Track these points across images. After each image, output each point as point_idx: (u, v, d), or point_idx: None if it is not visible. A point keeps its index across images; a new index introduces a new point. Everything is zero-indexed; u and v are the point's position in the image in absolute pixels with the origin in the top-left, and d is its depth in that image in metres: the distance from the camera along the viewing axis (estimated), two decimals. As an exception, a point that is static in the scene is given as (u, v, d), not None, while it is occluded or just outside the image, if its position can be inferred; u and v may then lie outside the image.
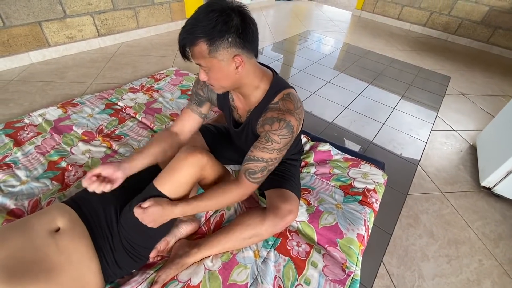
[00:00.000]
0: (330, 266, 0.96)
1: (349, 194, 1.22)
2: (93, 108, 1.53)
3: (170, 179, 0.84)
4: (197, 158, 0.84)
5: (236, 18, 0.67)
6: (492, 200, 1.44)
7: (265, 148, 0.81)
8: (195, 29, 0.67)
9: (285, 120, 0.79)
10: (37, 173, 1.14)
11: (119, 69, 2.10)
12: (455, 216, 1.33)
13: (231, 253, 0.95)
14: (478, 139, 1.81)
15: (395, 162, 1.60)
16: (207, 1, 0.69)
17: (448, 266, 1.11)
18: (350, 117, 1.95)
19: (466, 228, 1.27)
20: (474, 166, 1.65)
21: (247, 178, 0.84)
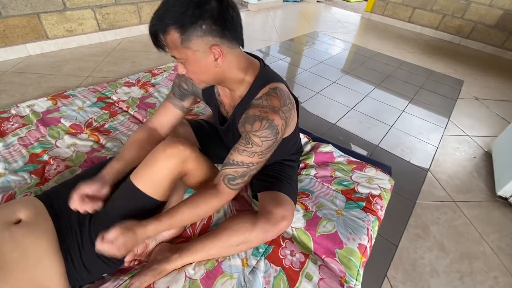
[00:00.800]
0: (326, 280, 0.85)
1: (352, 200, 1.12)
2: (84, 100, 1.47)
3: (146, 174, 0.75)
4: (177, 150, 0.75)
5: (212, 1, 0.58)
6: (509, 211, 1.31)
7: (245, 151, 0.71)
8: (165, 14, 0.58)
9: (268, 119, 0.68)
10: (17, 165, 1.07)
11: (117, 64, 2.05)
12: (469, 228, 1.20)
13: (216, 260, 0.86)
14: (493, 145, 1.68)
15: (403, 166, 1.49)
16: None
17: (460, 283, 0.99)
18: (356, 118, 1.84)
19: (481, 241, 1.15)
20: (489, 174, 1.52)
21: (226, 185, 0.74)
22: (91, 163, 1.13)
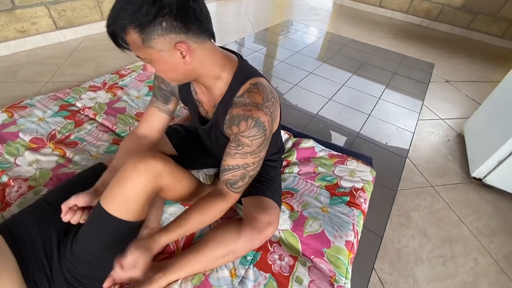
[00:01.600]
0: (317, 281, 0.84)
1: (336, 195, 1.11)
2: (44, 110, 1.33)
3: (118, 195, 0.68)
4: (148, 165, 0.68)
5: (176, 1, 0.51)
6: (484, 191, 1.38)
7: (237, 153, 0.69)
8: (120, 13, 0.52)
9: (253, 118, 0.65)
10: (-31, 192, 0.96)
11: (80, 66, 1.89)
12: (447, 212, 1.25)
13: (203, 274, 0.82)
14: (465, 127, 1.75)
15: (383, 155, 1.51)
16: None
17: (443, 268, 1.03)
18: (335, 109, 1.84)
19: (459, 224, 1.20)
20: (463, 155, 1.58)
21: (229, 189, 0.73)
22: (58, 180, 1.03)
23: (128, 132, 1.28)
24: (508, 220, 1.25)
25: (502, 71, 2.87)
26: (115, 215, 0.68)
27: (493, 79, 2.62)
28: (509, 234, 1.19)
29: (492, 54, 3.29)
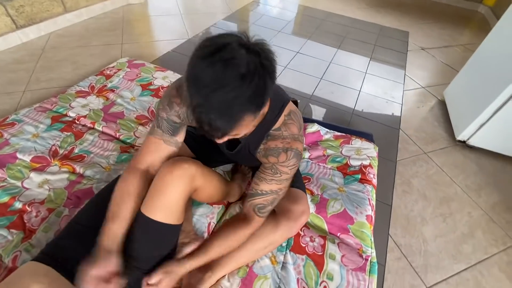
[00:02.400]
0: (347, 255, 0.95)
1: (348, 174, 1.20)
2: (36, 125, 1.24)
3: (160, 203, 0.71)
4: (184, 170, 0.71)
5: (268, 66, 0.51)
6: (467, 151, 1.55)
7: (273, 180, 0.72)
8: (232, 110, 0.49)
9: (292, 149, 0.69)
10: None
11: (55, 68, 1.73)
12: (441, 174, 1.40)
13: (247, 266, 0.88)
14: (445, 94, 1.90)
15: (379, 130, 1.62)
16: (216, 50, 0.48)
17: (445, 224, 1.18)
18: (327, 88, 1.89)
19: (452, 184, 1.36)
20: (447, 121, 1.74)
21: (256, 214, 0.75)
22: (76, 198, 1.01)
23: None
24: (489, 175, 1.43)
25: (468, 33, 3.07)
26: (160, 220, 0.71)
27: (462, 42, 2.81)
28: (492, 186, 1.37)
29: (459, 16, 3.47)
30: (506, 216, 1.24)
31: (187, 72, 0.51)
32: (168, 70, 1.68)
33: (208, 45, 0.49)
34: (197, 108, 0.49)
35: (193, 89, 0.49)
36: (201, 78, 0.47)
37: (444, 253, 1.08)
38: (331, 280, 0.89)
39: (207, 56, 0.47)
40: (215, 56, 0.46)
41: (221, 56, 0.46)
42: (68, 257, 0.70)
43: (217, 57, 0.46)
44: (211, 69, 0.46)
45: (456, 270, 1.04)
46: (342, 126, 1.50)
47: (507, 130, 1.41)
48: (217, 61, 0.46)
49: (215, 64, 0.46)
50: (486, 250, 1.11)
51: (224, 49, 0.47)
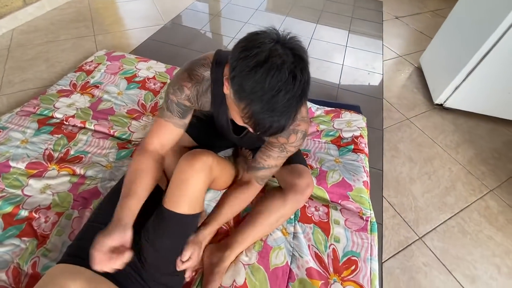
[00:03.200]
0: (350, 219, 1.04)
1: (342, 146, 1.28)
2: (23, 131, 1.19)
3: (184, 196, 0.74)
4: (203, 162, 0.75)
5: (306, 59, 0.56)
6: (444, 113, 1.68)
7: (279, 157, 0.80)
8: (291, 109, 0.54)
9: (301, 131, 0.75)
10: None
11: (28, 68, 1.62)
12: (423, 137, 1.52)
13: (262, 240, 0.95)
14: (421, 60, 2.00)
15: (364, 101, 1.70)
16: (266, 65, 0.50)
17: (430, 181, 1.31)
18: (312, 65, 1.88)
19: (433, 144, 1.49)
20: (424, 86, 1.85)
21: (258, 182, 0.86)
22: (83, 199, 1.01)
23: (136, 149, 1.08)
24: (465, 132, 1.57)
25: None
26: (185, 212, 0.74)
27: (431, 8, 2.90)
28: (467, 143, 1.51)
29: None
30: (481, 168, 1.39)
31: (237, 84, 0.53)
32: (151, 60, 1.63)
33: (254, 54, 0.50)
34: (259, 115, 0.52)
35: (251, 99, 0.52)
36: (258, 88, 0.50)
37: (431, 207, 1.21)
38: (338, 242, 0.98)
39: (259, 65, 0.50)
40: (266, 65, 0.49)
41: (272, 63, 0.49)
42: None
43: (269, 65, 0.49)
44: (266, 77, 0.49)
45: (442, 219, 1.17)
46: (331, 101, 1.56)
47: (479, 91, 1.54)
48: (269, 70, 0.49)
49: (269, 72, 0.49)
50: (466, 199, 1.25)
51: (272, 55, 0.50)
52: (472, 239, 1.12)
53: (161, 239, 0.74)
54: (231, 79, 0.55)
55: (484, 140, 1.54)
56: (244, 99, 0.53)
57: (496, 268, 1.04)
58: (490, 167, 1.40)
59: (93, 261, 0.60)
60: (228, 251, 0.88)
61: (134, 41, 1.93)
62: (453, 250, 1.08)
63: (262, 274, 0.88)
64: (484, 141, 1.53)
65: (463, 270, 1.03)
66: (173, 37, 2.02)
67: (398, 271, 1.01)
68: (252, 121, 0.54)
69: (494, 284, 1.00)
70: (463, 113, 1.67)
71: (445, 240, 1.11)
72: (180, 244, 0.78)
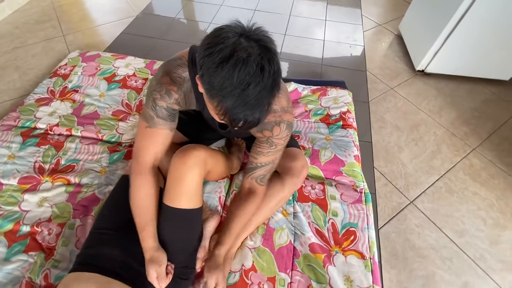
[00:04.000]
0: (345, 193, 1.09)
1: (331, 124, 1.30)
2: (8, 146, 1.15)
3: (181, 192, 0.76)
4: (195, 157, 0.76)
5: (274, 49, 0.53)
6: (426, 78, 1.72)
7: (269, 152, 0.79)
8: (264, 102, 0.53)
9: (284, 122, 0.74)
10: (0, 254, 0.90)
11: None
12: (408, 105, 1.57)
13: (264, 224, 0.99)
14: (400, 28, 2.00)
15: (348, 75, 1.71)
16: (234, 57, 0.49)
17: (417, 147, 1.37)
18: (293, 43, 1.90)
19: (418, 111, 1.53)
20: (405, 54, 1.87)
21: (259, 184, 0.84)
22: (83, 208, 1.01)
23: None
24: (446, 96, 1.63)
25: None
26: (185, 207, 0.76)
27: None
28: (450, 106, 1.57)
29: None
30: (463, 129, 1.46)
31: (206, 83, 0.52)
32: (128, 56, 1.57)
33: (218, 50, 0.49)
34: (233, 110, 0.52)
35: (221, 95, 0.51)
36: (227, 84, 0.49)
37: (419, 171, 1.28)
38: (336, 216, 1.03)
39: (224, 61, 0.48)
40: (231, 60, 0.48)
41: (238, 57, 0.48)
42: (105, 260, 0.74)
43: (234, 59, 0.48)
44: (233, 72, 0.48)
45: (430, 182, 1.24)
46: (316, 79, 1.56)
47: (458, 54, 1.57)
48: (235, 64, 0.48)
49: (235, 67, 0.48)
50: (451, 160, 1.32)
51: (236, 49, 0.48)
52: (458, 196, 1.20)
53: (167, 234, 0.77)
54: (201, 77, 0.54)
55: (465, 100, 1.60)
56: (215, 97, 0.52)
57: (482, 221, 1.13)
58: (472, 127, 1.46)
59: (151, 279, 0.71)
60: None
61: (107, 37, 1.85)
62: (442, 209, 1.16)
63: (268, 255, 0.93)
64: (465, 101, 1.59)
65: (452, 226, 1.11)
66: (147, 29, 1.94)
67: (394, 235, 1.08)
68: (227, 117, 0.54)
69: (481, 235, 1.09)
70: (444, 77, 1.71)
71: (434, 201, 1.18)
72: (186, 236, 0.81)
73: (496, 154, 1.35)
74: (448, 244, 1.06)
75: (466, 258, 1.03)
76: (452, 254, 1.04)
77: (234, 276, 0.88)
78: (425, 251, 1.04)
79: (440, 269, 1.00)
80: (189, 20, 2.10)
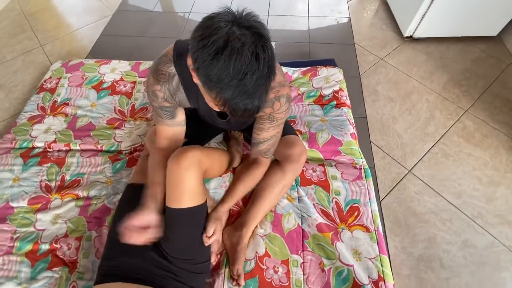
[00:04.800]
0: (345, 171, 1.12)
1: (325, 104, 1.31)
2: (10, 169, 1.16)
3: (181, 193, 0.78)
4: (190, 158, 0.77)
5: (266, 35, 0.52)
6: (415, 44, 1.70)
7: (271, 127, 0.81)
8: (261, 89, 0.53)
9: (283, 96, 0.76)
10: (25, 273, 0.94)
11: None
12: (398, 74, 1.57)
13: (271, 211, 1.03)
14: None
15: (337, 51, 1.69)
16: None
17: (411, 116, 1.39)
18: (277, 23, 1.85)
19: (409, 79, 1.54)
20: (392, 21, 1.83)
21: (264, 156, 0.89)
22: (96, 219, 1.04)
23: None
24: (436, 59, 1.62)
25: None
26: (188, 206, 0.79)
27: None
28: (440, 69, 1.57)
29: None
30: (455, 91, 1.47)
31: (203, 75, 0.52)
32: (112, 60, 1.54)
33: (212, 42, 0.48)
34: (231, 101, 0.53)
35: (219, 87, 0.51)
36: (224, 76, 0.49)
37: (415, 140, 1.31)
38: (339, 195, 1.07)
39: (219, 52, 0.48)
40: (226, 51, 0.47)
41: (232, 47, 0.47)
42: (125, 268, 0.78)
43: (229, 50, 0.47)
44: (229, 63, 0.48)
45: (426, 149, 1.28)
46: (305, 60, 1.55)
47: (445, 15, 1.54)
48: (230, 55, 0.48)
49: (231, 57, 0.48)
50: (445, 125, 1.35)
51: (230, 39, 0.48)
52: (454, 160, 1.24)
53: (175, 234, 0.80)
54: (196, 70, 0.54)
55: (455, 62, 1.60)
56: (213, 89, 0.53)
57: (477, 180, 1.18)
58: (463, 88, 1.48)
59: (122, 236, 0.71)
60: (244, 229, 0.96)
61: (87, 42, 1.79)
62: (439, 174, 1.20)
63: (279, 240, 0.98)
64: (455, 63, 1.59)
65: (450, 189, 1.16)
66: (126, 27, 1.87)
67: (395, 205, 1.14)
68: (227, 107, 0.55)
69: (477, 194, 1.14)
70: (432, 40, 1.69)
71: (431, 167, 1.22)
72: (193, 232, 0.84)
73: (488, 114, 1.37)
74: (447, 207, 1.12)
75: (464, 217, 1.09)
76: (451, 215, 1.10)
77: (250, 264, 0.93)
78: (426, 216, 1.10)
79: (440, 231, 1.07)
80: (167, 12, 2.03)
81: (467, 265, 0.99)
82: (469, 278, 0.97)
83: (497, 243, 1.03)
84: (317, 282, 0.91)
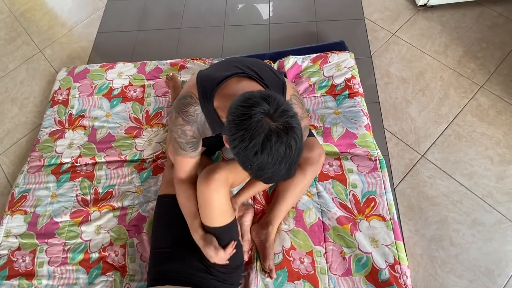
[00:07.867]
0: (361, 164, 1.17)
1: (338, 95, 1.31)
2: (46, 186, 1.25)
3: (212, 214, 0.86)
4: (216, 180, 0.83)
5: (298, 127, 0.62)
6: (429, 13, 1.60)
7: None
8: (293, 169, 0.64)
9: (304, 128, 0.80)
10: (83, 280, 1.08)
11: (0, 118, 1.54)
12: (411, 50, 1.50)
13: (293, 208, 1.12)
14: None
15: (346, 28, 1.61)
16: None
17: (425, 98, 1.38)
18: (280, 6, 1.74)
19: (423, 55, 1.48)
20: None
21: None
22: (135, 227, 1.14)
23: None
24: (452, 29, 1.54)
25: None
26: (220, 224, 0.87)
27: None
28: (455, 41, 1.50)
29: None
30: (470, 66, 1.42)
31: (242, 162, 0.63)
32: (117, 63, 1.51)
33: (252, 145, 0.57)
34: (266, 179, 0.65)
35: (257, 172, 0.63)
36: (263, 167, 0.60)
37: (428, 123, 1.32)
38: (355, 187, 1.14)
39: (258, 152, 0.58)
40: (266, 150, 0.57)
41: (271, 145, 0.57)
42: (172, 273, 0.90)
43: (268, 149, 0.57)
44: (267, 158, 0.58)
45: (439, 131, 1.30)
46: (313, 44, 1.49)
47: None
48: (270, 151, 0.58)
49: (270, 153, 0.58)
50: (459, 104, 1.34)
51: (268, 137, 0.57)
52: (467, 140, 1.26)
53: None
54: (236, 155, 0.62)
55: (472, 31, 1.51)
56: (250, 170, 0.63)
57: (489, 160, 1.22)
58: (479, 61, 1.43)
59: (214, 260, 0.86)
60: (270, 226, 1.06)
61: (85, 42, 1.73)
62: (451, 156, 1.24)
63: (302, 234, 1.07)
64: (471, 32, 1.51)
65: (461, 171, 1.21)
66: (122, 21, 1.79)
67: (409, 190, 1.20)
68: (260, 180, 0.66)
69: (488, 174, 1.19)
70: (448, 8, 1.58)
71: (444, 150, 1.25)
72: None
73: (504, 88, 1.35)
74: (458, 188, 1.18)
75: (474, 197, 1.16)
76: (461, 197, 1.16)
77: (278, 257, 1.04)
78: (438, 199, 1.17)
79: (451, 212, 1.14)
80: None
81: (475, 241, 1.09)
82: (477, 253, 1.07)
83: (504, 219, 1.11)
84: (340, 268, 1.02)
